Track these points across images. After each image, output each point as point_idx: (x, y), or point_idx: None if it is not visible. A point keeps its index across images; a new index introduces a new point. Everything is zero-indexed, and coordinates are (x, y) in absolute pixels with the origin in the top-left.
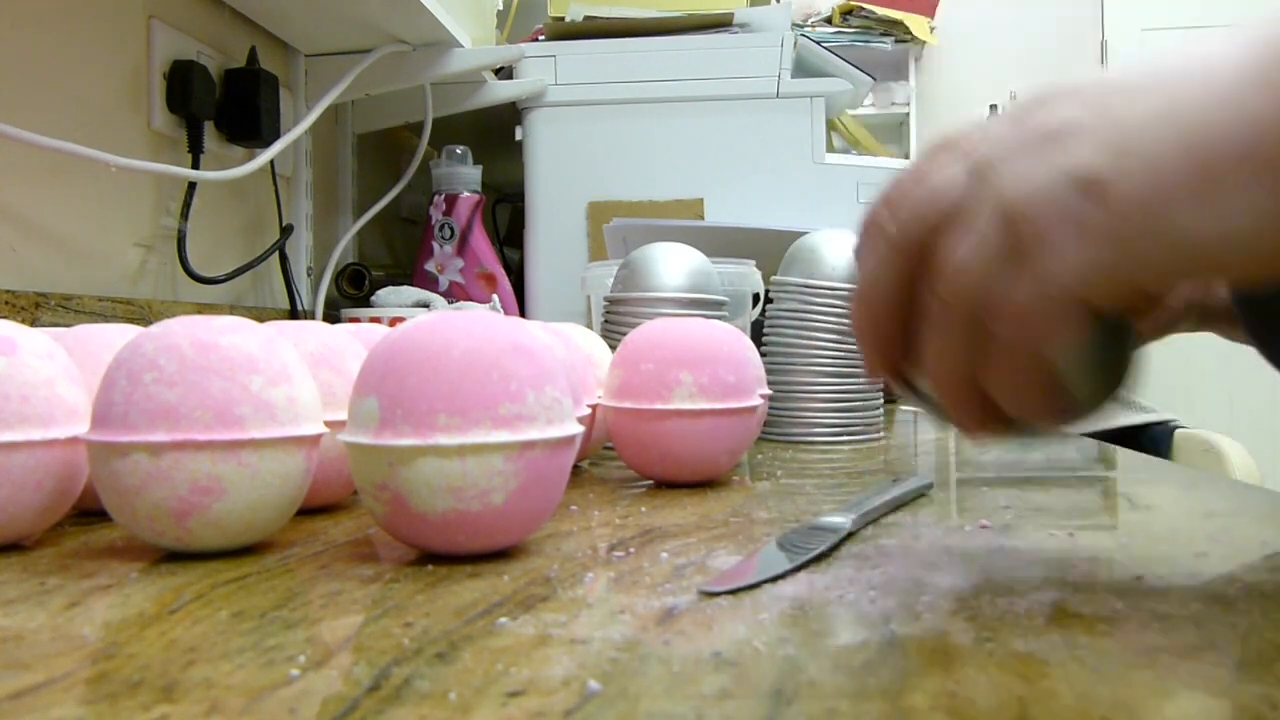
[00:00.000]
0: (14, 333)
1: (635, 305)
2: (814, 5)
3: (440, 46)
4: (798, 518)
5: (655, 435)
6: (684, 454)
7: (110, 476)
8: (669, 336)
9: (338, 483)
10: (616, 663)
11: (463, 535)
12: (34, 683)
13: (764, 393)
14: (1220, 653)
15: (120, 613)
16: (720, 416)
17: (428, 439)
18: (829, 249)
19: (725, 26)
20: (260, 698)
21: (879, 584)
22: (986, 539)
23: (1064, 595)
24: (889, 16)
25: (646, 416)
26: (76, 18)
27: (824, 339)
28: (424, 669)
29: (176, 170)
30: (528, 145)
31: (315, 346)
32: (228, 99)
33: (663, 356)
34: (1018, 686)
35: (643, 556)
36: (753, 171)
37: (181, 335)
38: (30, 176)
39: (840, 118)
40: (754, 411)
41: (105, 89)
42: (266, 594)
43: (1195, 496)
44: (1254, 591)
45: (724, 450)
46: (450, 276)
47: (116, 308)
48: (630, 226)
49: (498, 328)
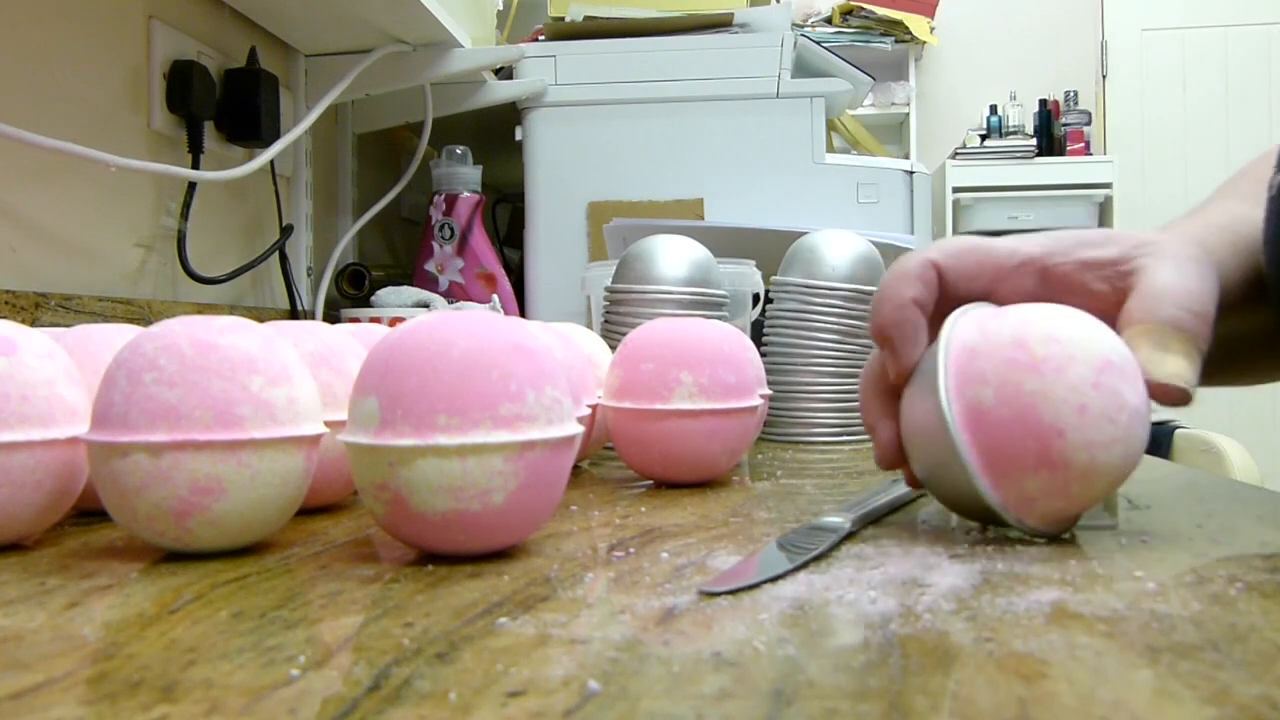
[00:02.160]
0: (14, 333)
1: (636, 298)
2: (814, 5)
3: (440, 46)
4: (798, 518)
5: (655, 435)
6: (684, 454)
7: (110, 476)
8: (669, 336)
9: (338, 483)
10: (616, 663)
11: (463, 535)
12: (34, 683)
13: (764, 393)
14: (1220, 653)
15: (120, 613)
16: (720, 416)
17: (428, 439)
18: (829, 249)
19: (725, 26)
20: (260, 698)
21: (879, 584)
22: (986, 539)
23: (1064, 595)
24: (889, 16)
25: (646, 416)
26: (76, 18)
27: (824, 339)
28: (424, 669)
29: (176, 170)
30: (528, 145)
31: (315, 346)
32: (228, 99)
33: (663, 356)
34: (1018, 686)
35: (643, 556)
36: (753, 171)
37: (181, 335)
38: (30, 176)
39: (840, 118)
40: (754, 411)
41: (105, 89)
42: (266, 594)
43: (1195, 496)
44: (1254, 591)
45: (724, 450)
46: (450, 276)
47: (116, 308)
48: (630, 226)
49: (498, 328)
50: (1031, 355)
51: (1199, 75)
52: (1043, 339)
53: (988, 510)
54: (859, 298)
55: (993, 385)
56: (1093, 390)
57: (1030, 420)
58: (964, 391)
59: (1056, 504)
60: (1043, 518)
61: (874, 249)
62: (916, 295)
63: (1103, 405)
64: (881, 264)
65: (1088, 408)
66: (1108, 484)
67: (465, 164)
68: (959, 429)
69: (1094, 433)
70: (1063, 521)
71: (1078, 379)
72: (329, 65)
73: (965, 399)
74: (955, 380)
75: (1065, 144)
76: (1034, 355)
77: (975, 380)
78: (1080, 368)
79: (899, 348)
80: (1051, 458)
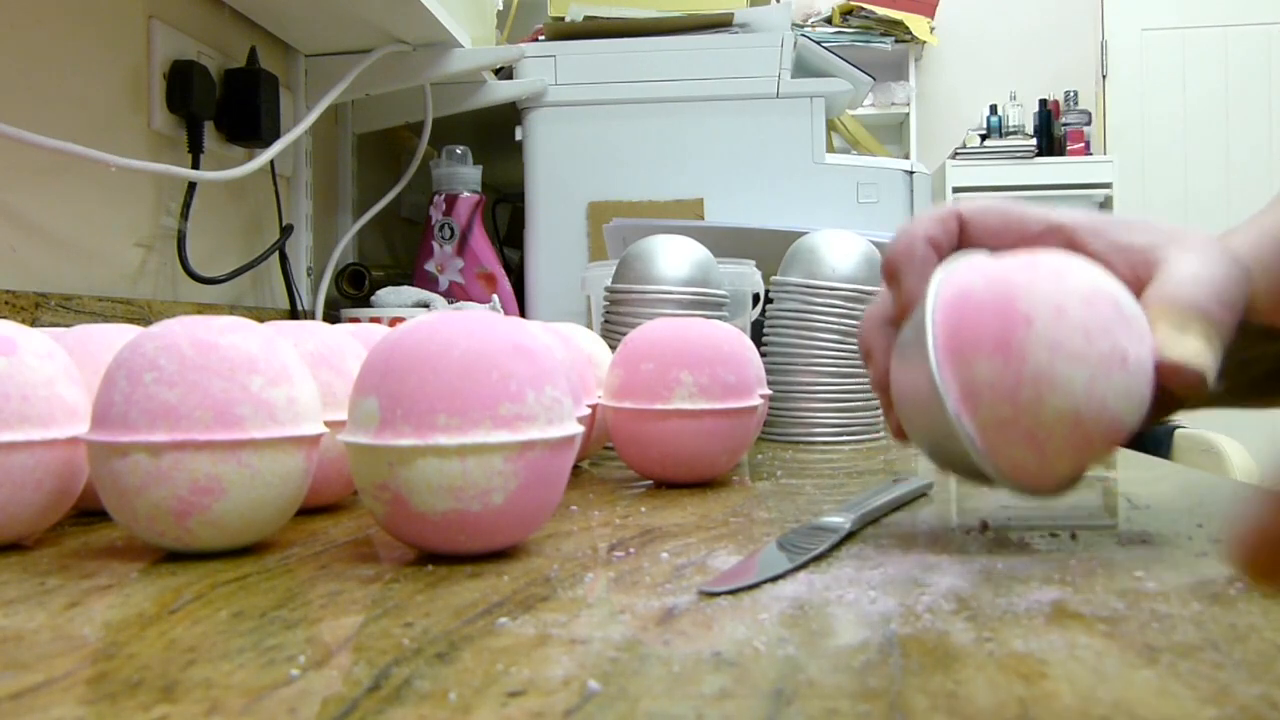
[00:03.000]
0: (14, 333)
1: (636, 298)
2: (814, 5)
3: (440, 46)
4: (798, 518)
5: (655, 435)
6: (684, 454)
7: (110, 476)
8: (669, 336)
9: (338, 483)
10: (616, 663)
11: (463, 535)
12: (34, 683)
13: (764, 393)
14: (1220, 653)
15: (120, 613)
16: (720, 416)
17: (428, 439)
18: (829, 249)
19: (725, 26)
20: (260, 698)
21: (879, 584)
22: (986, 539)
23: (1064, 595)
24: (889, 16)
25: (646, 416)
26: (76, 18)
27: (824, 339)
28: (424, 669)
29: (176, 170)
30: (528, 145)
31: (315, 346)
32: (228, 99)
33: (663, 356)
34: (1018, 686)
35: (643, 556)
36: (753, 171)
37: (181, 335)
38: (30, 176)
39: (840, 118)
40: (754, 411)
41: (105, 89)
42: (266, 594)
43: (1195, 496)
44: (1254, 591)
45: (724, 450)
46: (450, 276)
47: (116, 308)
48: (630, 226)
49: (498, 328)
50: (1034, 260)
51: (1199, 75)
52: (1054, 260)
53: (949, 431)
54: (859, 298)
55: (983, 278)
56: (1081, 304)
57: (1003, 301)
58: (950, 303)
59: (1003, 409)
60: (988, 424)
61: (874, 249)
62: (931, 234)
63: (1084, 320)
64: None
65: (1066, 312)
66: (1061, 413)
67: (465, 164)
68: (935, 324)
69: (1064, 337)
70: (1011, 453)
71: (1070, 286)
72: (329, 65)
73: (949, 303)
74: (944, 290)
75: (1065, 144)
76: (1036, 259)
77: (964, 290)
78: (1077, 279)
79: (903, 278)
80: (1009, 342)
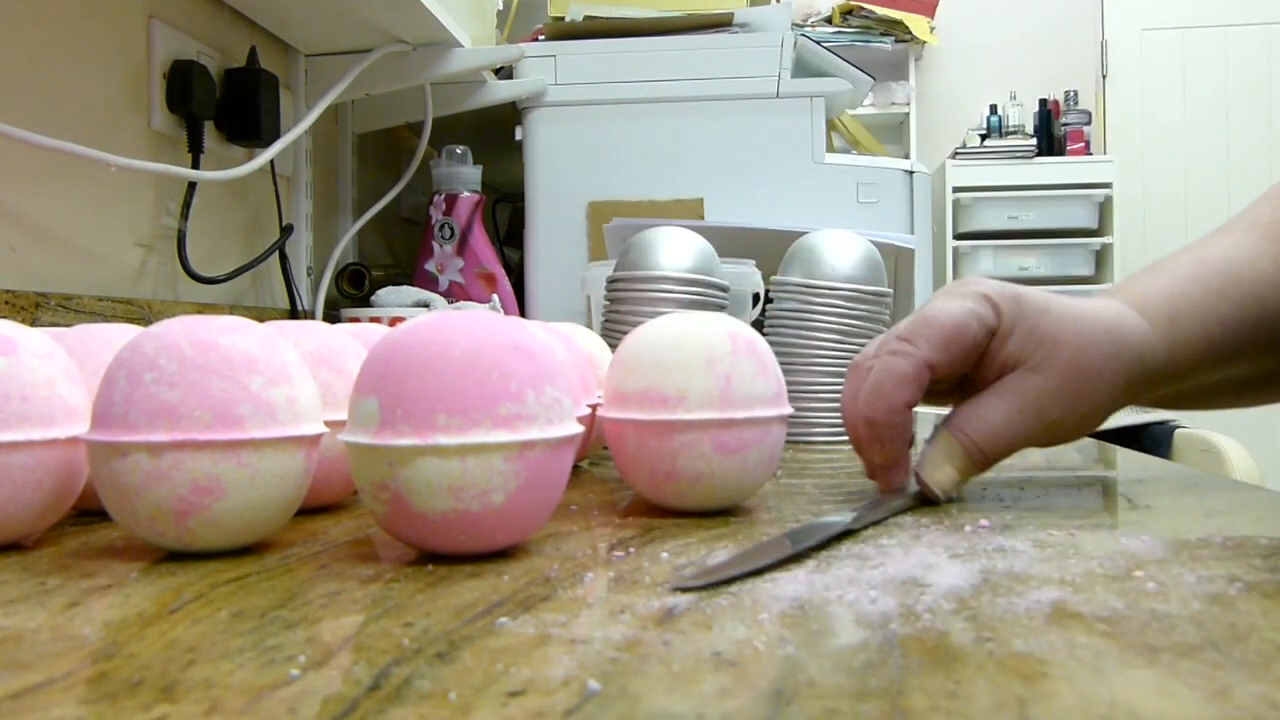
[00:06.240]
0: (14, 333)
1: (637, 288)
2: (814, 5)
3: (440, 46)
4: (797, 518)
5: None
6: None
7: (110, 476)
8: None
9: (338, 483)
10: (616, 663)
11: (463, 535)
12: (34, 683)
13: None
14: (1220, 653)
15: (120, 613)
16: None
17: (428, 439)
18: (829, 249)
19: (725, 26)
20: (260, 698)
21: (879, 584)
22: (986, 539)
23: (1064, 595)
24: (889, 16)
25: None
26: (76, 18)
27: (824, 339)
28: (424, 669)
29: (176, 170)
30: (528, 145)
31: (315, 346)
32: (228, 99)
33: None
34: (1018, 686)
35: (643, 556)
36: (753, 171)
37: (181, 335)
38: (30, 176)
39: (840, 118)
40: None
41: (105, 89)
42: (266, 594)
43: (1195, 496)
44: (1254, 591)
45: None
46: (450, 276)
47: (116, 308)
48: (630, 226)
49: (498, 328)
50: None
51: (1199, 75)
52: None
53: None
54: (859, 298)
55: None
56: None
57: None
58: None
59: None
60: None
61: (874, 249)
62: (910, 399)
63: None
64: (881, 264)
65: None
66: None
67: (465, 164)
68: None
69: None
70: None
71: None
72: (329, 65)
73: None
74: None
75: (1065, 144)
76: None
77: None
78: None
79: (887, 445)
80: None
